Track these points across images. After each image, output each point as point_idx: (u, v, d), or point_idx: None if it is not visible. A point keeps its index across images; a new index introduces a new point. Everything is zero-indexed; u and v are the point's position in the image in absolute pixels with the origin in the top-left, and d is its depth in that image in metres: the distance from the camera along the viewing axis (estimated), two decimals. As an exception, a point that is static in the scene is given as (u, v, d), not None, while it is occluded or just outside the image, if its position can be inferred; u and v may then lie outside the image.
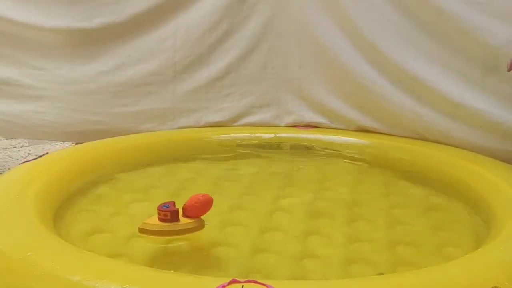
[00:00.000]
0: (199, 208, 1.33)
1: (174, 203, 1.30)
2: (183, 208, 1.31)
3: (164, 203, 1.30)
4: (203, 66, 2.35)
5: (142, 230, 1.27)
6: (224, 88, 2.37)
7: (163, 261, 1.27)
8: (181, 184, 1.80)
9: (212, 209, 1.56)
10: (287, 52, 2.31)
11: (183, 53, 2.32)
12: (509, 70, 1.63)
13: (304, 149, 2.19)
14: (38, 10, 2.25)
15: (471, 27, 1.79)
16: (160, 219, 1.27)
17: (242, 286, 0.92)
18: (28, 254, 1.04)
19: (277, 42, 2.32)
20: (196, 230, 1.32)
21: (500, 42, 1.75)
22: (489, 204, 1.46)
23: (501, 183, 1.53)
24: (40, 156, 1.76)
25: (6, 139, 3.07)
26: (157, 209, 1.28)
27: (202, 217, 1.35)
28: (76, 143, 2.22)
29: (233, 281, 0.93)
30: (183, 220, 1.30)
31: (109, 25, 2.29)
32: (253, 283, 0.92)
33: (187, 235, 1.31)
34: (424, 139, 2.03)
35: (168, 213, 1.27)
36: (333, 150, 2.15)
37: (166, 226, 1.28)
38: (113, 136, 2.11)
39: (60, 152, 1.99)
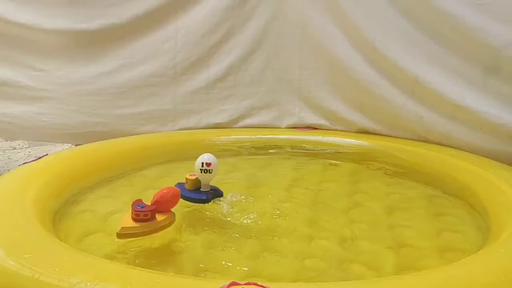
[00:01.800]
0: (172, 202, 1.33)
1: (141, 200, 1.30)
2: (156, 204, 1.30)
3: (134, 202, 1.29)
4: (203, 67, 2.35)
5: (122, 235, 1.25)
6: (224, 89, 2.37)
7: (163, 261, 1.27)
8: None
9: (213, 211, 1.57)
10: (287, 54, 2.31)
11: (184, 55, 2.32)
12: None
13: (304, 151, 2.19)
14: (39, 11, 2.25)
15: (472, 28, 1.79)
16: (140, 220, 1.26)
17: (242, 288, 0.92)
18: (27, 256, 1.04)
19: (277, 44, 2.32)
20: (171, 224, 1.32)
21: (501, 43, 1.75)
22: (490, 206, 1.46)
23: (501, 185, 1.53)
24: (40, 157, 1.76)
25: (6, 140, 3.07)
26: (134, 210, 1.26)
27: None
28: (76, 145, 2.22)
29: (233, 284, 0.92)
30: (158, 217, 1.29)
31: (110, 26, 2.29)
32: (253, 285, 0.92)
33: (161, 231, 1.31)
34: (425, 140, 2.03)
35: (148, 213, 1.26)
36: (333, 152, 2.14)
37: (147, 225, 1.27)
38: (113, 138, 2.11)
39: (60, 154, 1.99)
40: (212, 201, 1.50)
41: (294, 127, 2.34)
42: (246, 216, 1.54)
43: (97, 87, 2.31)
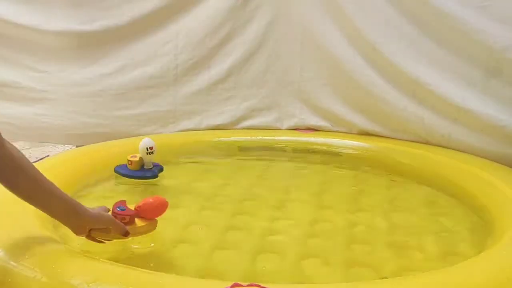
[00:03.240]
0: (156, 211, 1.31)
1: (125, 202, 1.27)
2: (138, 210, 1.27)
3: (116, 203, 1.27)
4: (204, 69, 2.35)
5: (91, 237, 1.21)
6: (225, 91, 2.37)
7: (165, 263, 1.27)
8: (181, 187, 1.80)
9: (215, 213, 1.56)
10: (288, 56, 2.32)
11: (185, 56, 2.32)
12: None
13: (305, 152, 2.19)
14: (40, 13, 2.26)
15: (473, 30, 1.79)
16: None
17: (244, 290, 0.92)
18: (28, 257, 1.04)
19: (278, 46, 2.32)
20: (149, 231, 1.29)
21: (502, 45, 1.75)
22: (491, 208, 1.46)
23: (502, 187, 1.53)
24: (41, 158, 1.76)
25: (7, 141, 3.06)
26: (113, 212, 1.23)
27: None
28: (77, 146, 2.22)
29: (235, 285, 0.92)
30: (138, 222, 1.26)
31: (111, 28, 2.29)
32: (256, 287, 0.92)
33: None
34: (426, 142, 2.03)
35: (126, 217, 1.23)
36: (334, 153, 2.14)
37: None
38: (114, 139, 2.11)
39: (61, 155, 1.99)
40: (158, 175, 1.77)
41: (295, 129, 2.34)
42: (245, 217, 1.54)
43: (98, 88, 2.31)
